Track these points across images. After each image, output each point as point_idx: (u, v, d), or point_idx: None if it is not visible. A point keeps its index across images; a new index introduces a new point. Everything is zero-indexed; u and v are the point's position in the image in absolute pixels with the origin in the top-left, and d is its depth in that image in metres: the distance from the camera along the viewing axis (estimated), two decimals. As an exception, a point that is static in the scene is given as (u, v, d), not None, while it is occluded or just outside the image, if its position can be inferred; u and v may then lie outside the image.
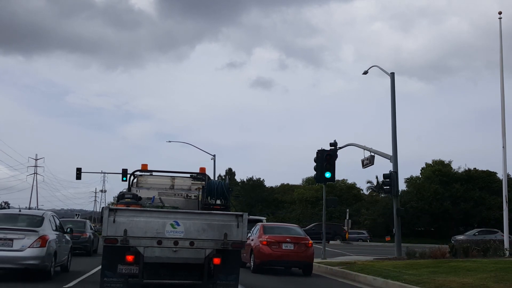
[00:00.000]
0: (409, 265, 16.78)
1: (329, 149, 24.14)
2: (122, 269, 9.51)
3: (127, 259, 9.49)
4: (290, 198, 74.36)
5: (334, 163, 23.55)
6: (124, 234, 9.35)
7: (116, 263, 9.55)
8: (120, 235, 9.35)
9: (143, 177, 12.99)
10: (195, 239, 9.56)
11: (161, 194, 12.34)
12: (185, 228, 9.54)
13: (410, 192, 66.66)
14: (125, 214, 9.56)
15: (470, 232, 53.92)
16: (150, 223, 9.52)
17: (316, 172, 23.70)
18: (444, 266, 15.65)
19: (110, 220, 9.40)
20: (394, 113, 27.14)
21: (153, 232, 9.48)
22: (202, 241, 9.60)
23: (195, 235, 9.57)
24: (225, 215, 10.07)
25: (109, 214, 9.45)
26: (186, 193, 12.69)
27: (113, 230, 9.40)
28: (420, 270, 15.20)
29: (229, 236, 9.65)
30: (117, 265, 9.52)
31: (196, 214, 10.11)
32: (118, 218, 9.42)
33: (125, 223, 9.41)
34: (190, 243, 9.54)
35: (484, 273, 13.61)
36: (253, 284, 14.63)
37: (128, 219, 9.45)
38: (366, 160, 28.61)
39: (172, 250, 9.52)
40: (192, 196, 12.57)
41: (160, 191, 12.46)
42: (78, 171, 54.24)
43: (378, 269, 16.00)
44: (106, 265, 9.89)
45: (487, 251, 20.14)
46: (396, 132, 26.99)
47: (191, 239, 9.55)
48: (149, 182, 12.90)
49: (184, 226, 9.55)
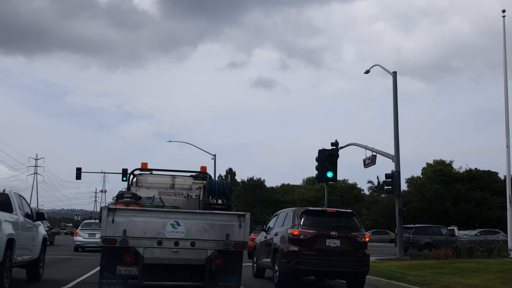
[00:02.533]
0: (412, 265, 16.54)
1: (330, 149, 23.91)
2: (121, 270, 9.26)
3: (126, 260, 9.22)
4: (290, 198, 74.04)
5: (336, 162, 23.36)
6: (123, 234, 9.06)
7: (115, 264, 9.28)
8: (119, 235, 9.06)
9: (143, 176, 12.59)
10: (196, 240, 9.27)
11: (161, 193, 11.96)
12: (186, 228, 9.27)
13: (411, 192, 66.44)
14: (124, 214, 9.28)
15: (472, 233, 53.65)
16: (150, 223, 9.25)
17: (317, 172, 23.50)
18: (449, 267, 15.42)
19: (109, 220, 9.11)
20: (396, 112, 26.92)
21: (153, 232, 9.20)
22: (203, 241, 9.31)
23: (196, 235, 9.29)
24: (226, 215, 9.79)
25: (108, 213, 9.15)
26: (187, 193, 12.26)
27: (112, 230, 9.10)
28: (424, 271, 14.97)
29: (231, 236, 9.36)
30: (116, 266, 9.26)
31: (197, 214, 9.84)
32: (117, 218, 9.13)
33: (124, 223, 9.13)
34: (191, 243, 9.26)
35: (489, 274, 13.38)
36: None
37: (128, 219, 9.18)
38: (368, 160, 28.40)
39: (173, 251, 9.23)
40: (193, 196, 12.17)
41: (160, 191, 12.07)
42: (78, 171, 54.28)
43: (382, 270, 15.76)
44: (105, 266, 9.58)
45: (491, 251, 19.92)
46: (398, 132, 26.79)
47: (192, 239, 9.26)
48: (149, 181, 12.47)
49: (185, 226, 9.27)
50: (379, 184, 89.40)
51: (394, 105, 26.92)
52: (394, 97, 27.06)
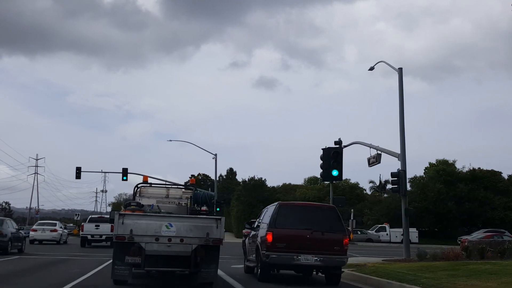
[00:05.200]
0: (424, 267, 15.84)
1: (336, 147, 23.22)
2: (129, 259, 11.80)
3: (132, 252, 11.73)
4: (292, 198, 73.27)
5: (341, 160, 22.67)
6: (130, 233, 11.61)
7: (124, 255, 11.81)
8: (127, 233, 11.61)
9: (144, 188, 15.69)
10: (184, 237, 11.78)
11: (158, 202, 14.98)
12: (177, 229, 11.81)
13: (413, 192, 65.70)
14: (130, 218, 11.89)
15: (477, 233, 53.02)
16: (150, 224, 11.80)
17: (322, 170, 22.79)
18: (463, 269, 14.73)
19: (119, 222, 11.68)
20: (402, 109, 26.26)
21: (152, 231, 11.73)
22: (190, 238, 11.82)
23: (184, 234, 11.81)
24: (207, 218, 12.37)
25: (119, 217, 11.77)
26: (178, 201, 15.41)
27: (121, 230, 11.65)
28: (437, 273, 14.28)
29: (210, 234, 11.87)
30: (125, 257, 11.79)
31: (185, 218, 12.57)
32: (125, 221, 11.72)
33: (131, 224, 11.69)
34: (180, 240, 11.75)
35: (507, 276, 12.69)
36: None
37: (133, 222, 11.76)
38: (373, 159, 27.75)
39: (167, 245, 11.75)
40: (182, 204, 15.31)
41: (157, 200, 15.14)
42: (77, 170, 53.68)
43: (392, 272, 15.08)
44: (117, 256, 12.03)
45: (504, 252, 19.22)
46: (404, 129, 26.11)
47: (181, 236, 11.77)
48: (149, 192, 15.57)
49: (176, 227, 11.82)
50: (380, 184, 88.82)
51: (400, 102, 26.28)
52: (400, 94, 26.42)
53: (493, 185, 65.67)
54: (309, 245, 13.67)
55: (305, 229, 13.78)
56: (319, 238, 13.74)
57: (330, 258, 13.73)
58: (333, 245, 13.79)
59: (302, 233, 13.75)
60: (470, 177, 66.71)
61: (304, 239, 13.67)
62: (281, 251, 13.65)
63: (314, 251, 13.64)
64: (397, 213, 65.52)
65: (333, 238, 13.86)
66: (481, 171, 67.92)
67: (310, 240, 13.67)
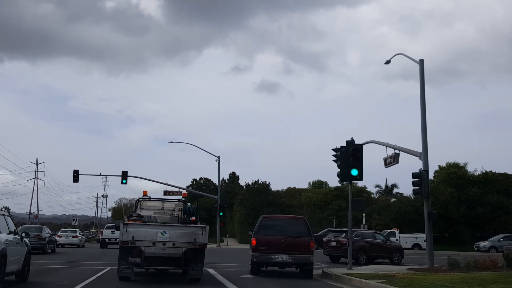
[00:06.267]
0: (467, 279, 13.63)
1: (355, 143, 21.01)
2: (131, 260, 14.32)
3: (134, 254, 14.27)
4: (297, 202, 71.16)
5: (361, 158, 20.43)
6: (132, 238, 14.25)
7: (127, 256, 14.31)
8: (130, 239, 14.25)
9: (144, 201, 18.31)
10: (176, 242, 14.42)
11: (155, 213, 17.65)
12: (170, 235, 14.44)
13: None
14: (133, 226, 14.51)
15: (494, 238, 50.76)
16: (148, 232, 14.45)
17: (340, 170, 20.50)
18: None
19: (124, 230, 14.34)
20: (424, 105, 24.12)
21: (150, 237, 14.37)
22: (180, 243, 14.45)
23: (176, 239, 14.43)
24: (194, 227, 15.14)
25: (123, 226, 14.42)
26: (171, 212, 18.05)
27: (125, 236, 14.28)
28: (487, 286, 12.12)
29: (197, 240, 14.55)
30: (128, 257, 14.29)
31: (176, 226, 15.38)
32: (128, 229, 14.36)
33: (133, 232, 14.32)
34: (172, 244, 14.39)
35: None
36: None
37: (135, 229, 14.39)
38: (390, 159, 25.62)
39: (162, 248, 14.38)
40: (175, 214, 17.87)
41: (154, 211, 17.82)
42: (75, 173, 51.53)
43: (430, 286, 12.91)
44: (121, 257, 14.45)
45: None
46: (426, 126, 23.96)
47: (173, 241, 14.40)
48: (148, 205, 18.20)
49: (169, 233, 14.46)
50: (386, 188, 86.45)
51: (422, 97, 24.17)
52: (421, 87, 24.33)
53: (507, 188, 63.18)
54: (284, 247, 17.86)
55: (280, 235, 18.02)
56: (291, 242, 17.92)
57: (299, 256, 17.95)
58: (302, 247, 17.95)
59: (278, 238, 17.93)
60: (483, 181, 64.20)
61: (279, 243, 17.88)
62: (263, 252, 17.95)
63: (287, 251, 17.84)
64: (407, 218, 63.48)
65: (301, 241, 18.02)
66: (494, 174, 65.42)
67: (284, 243, 17.90)
